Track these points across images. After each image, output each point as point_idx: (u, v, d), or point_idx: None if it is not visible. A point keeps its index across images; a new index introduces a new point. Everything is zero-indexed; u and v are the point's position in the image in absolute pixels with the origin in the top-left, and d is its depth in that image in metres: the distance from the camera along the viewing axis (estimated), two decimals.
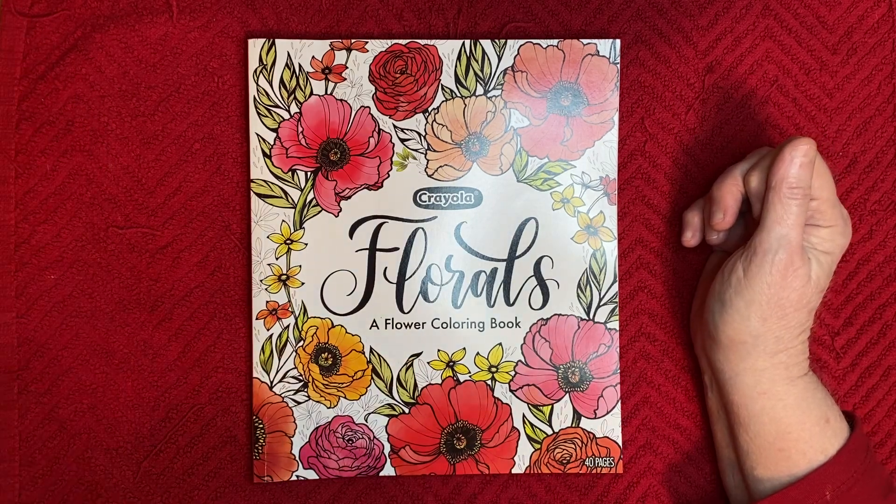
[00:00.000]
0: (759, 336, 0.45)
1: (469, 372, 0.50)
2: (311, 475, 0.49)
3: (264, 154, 0.49)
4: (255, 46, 0.49)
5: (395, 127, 0.49)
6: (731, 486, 0.49)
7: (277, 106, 0.49)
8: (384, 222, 0.49)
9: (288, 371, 0.49)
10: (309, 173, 0.49)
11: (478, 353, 0.50)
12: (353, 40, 0.49)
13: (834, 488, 0.44)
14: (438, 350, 0.49)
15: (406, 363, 0.49)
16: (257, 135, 0.49)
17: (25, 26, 0.49)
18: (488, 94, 0.49)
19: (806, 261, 0.45)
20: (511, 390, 0.50)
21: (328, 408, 0.49)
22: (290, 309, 0.49)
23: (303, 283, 0.49)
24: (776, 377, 0.46)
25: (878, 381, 0.52)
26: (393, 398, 0.49)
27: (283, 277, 0.49)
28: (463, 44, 0.49)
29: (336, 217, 0.49)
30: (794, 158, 0.44)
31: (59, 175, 0.49)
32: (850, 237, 0.47)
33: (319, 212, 0.49)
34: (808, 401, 0.46)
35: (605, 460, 0.50)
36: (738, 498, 0.49)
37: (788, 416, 0.46)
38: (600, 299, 0.50)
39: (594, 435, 0.50)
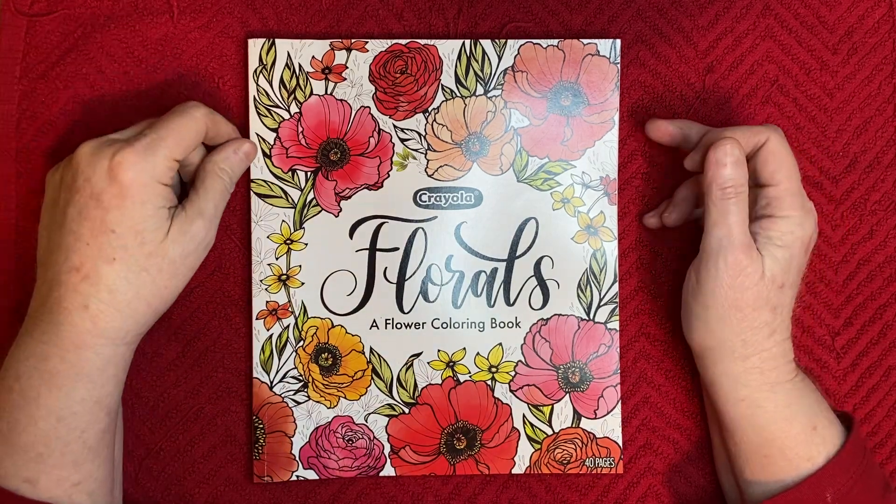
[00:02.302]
0: (724, 340, 0.45)
1: (469, 372, 0.50)
2: (310, 475, 0.49)
3: (264, 154, 0.49)
4: (255, 46, 0.49)
5: (395, 127, 0.49)
6: (726, 488, 0.49)
7: (277, 106, 0.49)
8: (384, 222, 0.49)
9: (288, 371, 0.49)
10: (309, 173, 0.49)
11: (478, 354, 0.50)
12: (353, 40, 0.49)
13: (834, 491, 0.44)
14: (438, 350, 0.49)
15: (406, 363, 0.49)
16: (257, 135, 0.49)
17: (25, 26, 0.49)
18: (488, 94, 0.49)
19: (755, 258, 0.44)
20: (511, 390, 0.50)
21: (328, 408, 0.49)
22: (290, 309, 0.49)
23: (303, 283, 0.49)
24: (752, 383, 0.45)
25: (878, 381, 0.52)
26: (393, 398, 0.49)
27: (283, 277, 0.49)
28: (463, 44, 0.49)
29: (336, 217, 0.49)
30: (719, 160, 0.44)
31: None
32: (813, 230, 0.45)
33: (319, 212, 0.49)
34: (793, 408, 0.45)
35: (606, 460, 0.50)
36: (734, 499, 0.48)
37: (770, 424, 0.45)
38: (600, 299, 0.50)
39: (594, 435, 0.50)
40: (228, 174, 0.46)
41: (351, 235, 0.49)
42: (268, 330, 0.49)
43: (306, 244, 0.49)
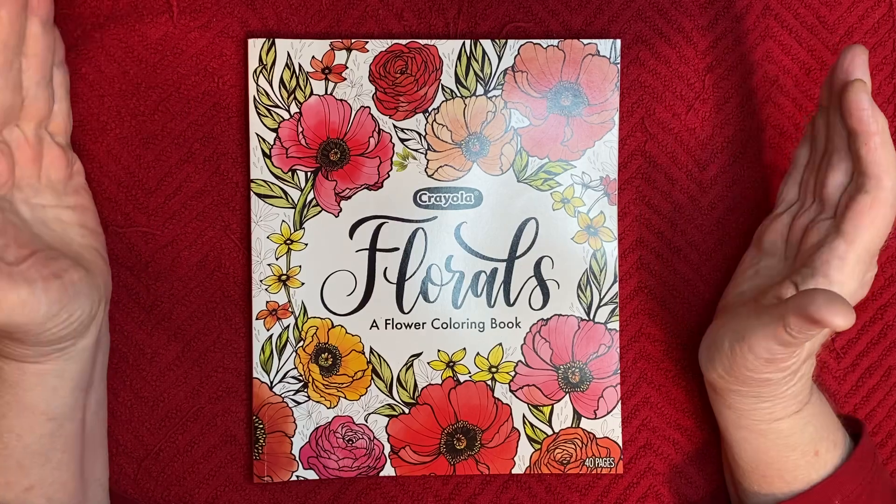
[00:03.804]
0: (740, 388, 0.43)
1: (469, 372, 0.50)
2: (311, 475, 0.49)
3: (264, 154, 0.49)
4: (255, 46, 0.49)
5: (395, 127, 0.49)
6: (733, 497, 0.49)
7: (277, 106, 0.49)
8: (384, 222, 0.49)
9: (288, 371, 0.49)
10: (309, 173, 0.49)
11: (478, 354, 0.50)
12: (353, 40, 0.49)
13: (842, 497, 0.43)
14: (438, 350, 0.49)
15: (406, 363, 0.49)
16: (257, 135, 0.49)
17: None
18: (488, 94, 0.49)
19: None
20: (511, 390, 0.50)
21: (328, 408, 0.49)
22: (290, 309, 0.49)
23: (303, 284, 0.49)
24: (758, 417, 0.44)
25: (878, 381, 0.52)
26: (393, 398, 0.49)
27: (283, 277, 0.49)
28: (463, 44, 0.49)
29: (336, 217, 0.49)
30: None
31: None
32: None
33: (319, 212, 0.49)
34: (795, 437, 0.44)
35: (606, 461, 0.50)
36: (738, 501, 0.48)
37: (770, 451, 0.44)
38: (600, 299, 0.50)
39: (594, 435, 0.50)
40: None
41: (351, 235, 0.49)
42: (268, 330, 0.49)
43: (306, 244, 0.49)
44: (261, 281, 0.49)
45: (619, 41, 0.50)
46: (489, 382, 0.50)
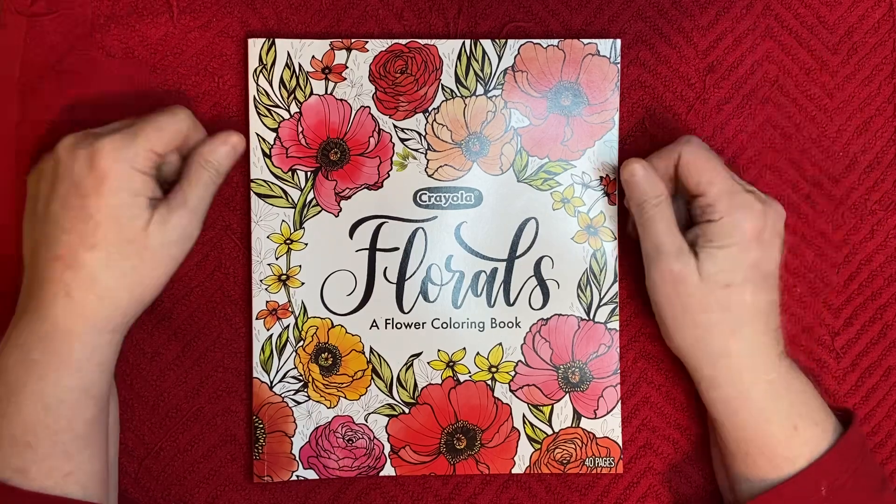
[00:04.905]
0: (686, 346, 0.46)
1: (469, 372, 0.50)
2: (311, 475, 0.49)
3: (264, 154, 0.49)
4: (255, 46, 0.49)
5: (395, 127, 0.49)
6: (722, 486, 0.49)
7: (277, 106, 0.49)
8: (384, 222, 0.49)
9: (288, 371, 0.49)
10: (309, 173, 0.49)
11: (478, 353, 0.50)
12: (353, 40, 0.49)
13: (829, 483, 0.44)
14: (438, 350, 0.49)
15: (406, 363, 0.49)
16: (257, 134, 0.49)
17: (25, 26, 0.49)
18: (488, 94, 0.49)
19: (688, 261, 0.45)
20: (511, 390, 0.50)
21: (328, 408, 0.49)
22: (290, 309, 0.49)
23: (303, 283, 0.49)
24: (724, 384, 0.46)
25: (878, 381, 0.52)
26: (393, 398, 0.49)
27: (283, 277, 0.49)
28: (463, 43, 0.49)
29: (336, 217, 0.49)
30: (627, 181, 0.46)
31: None
32: (756, 223, 0.44)
33: (319, 212, 0.49)
34: (770, 408, 0.45)
35: (606, 460, 0.50)
36: (730, 499, 0.48)
37: (747, 424, 0.45)
38: (600, 299, 0.50)
39: (594, 435, 0.50)
40: (214, 166, 0.45)
41: (351, 235, 0.49)
42: (268, 330, 0.49)
43: (306, 244, 0.49)
44: (261, 281, 0.49)
45: (619, 41, 0.50)
46: (489, 382, 0.50)
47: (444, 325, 0.49)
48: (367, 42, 0.49)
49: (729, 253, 0.44)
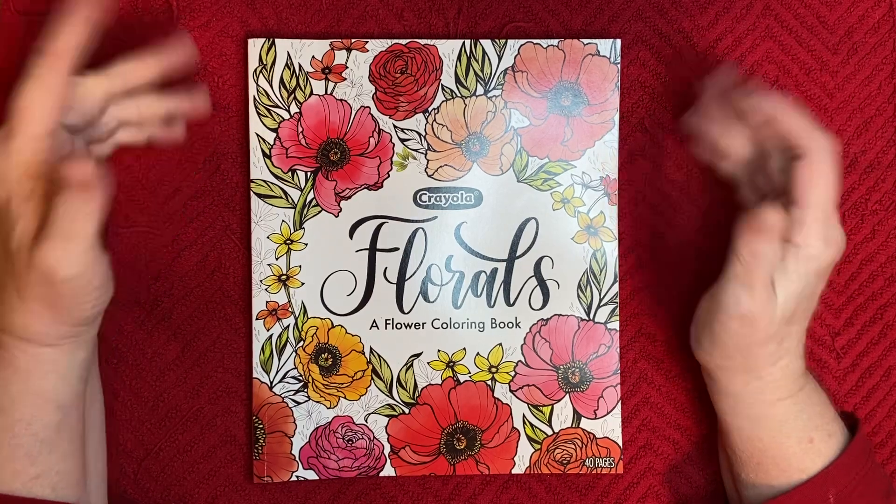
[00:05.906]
0: (726, 367, 0.44)
1: (469, 372, 0.49)
2: (310, 475, 0.49)
3: (264, 154, 0.49)
4: (255, 46, 0.49)
5: (395, 127, 0.49)
6: (728, 488, 0.49)
7: (277, 106, 0.49)
8: (384, 222, 0.49)
9: (288, 371, 0.49)
10: (309, 173, 0.49)
11: (478, 354, 0.50)
12: (353, 40, 0.49)
13: (837, 492, 0.44)
14: (438, 350, 0.49)
15: (406, 363, 0.49)
16: (257, 135, 0.49)
17: (25, 26, 0.49)
18: (488, 94, 0.49)
19: (770, 308, 0.42)
20: (511, 391, 0.50)
21: (328, 408, 0.49)
22: (290, 309, 0.49)
23: (303, 284, 0.49)
24: (750, 400, 0.45)
25: (878, 381, 0.52)
26: (393, 398, 0.49)
27: (283, 277, 0.49)
28: (463, 44, 0.49)
29: (336, 217, 0.49)
30: (759, 229, 0.41)
31: None
32: (832, 259, 0.43)
33: (319, 212, 0.49)
34: (790, 423, 0.45)
35: (606, 461, 0.50)
36: (735, 501, 0.48)
37: (765, 438, 0.45)
38: (600, 299, 0.50)
39: (594, 435, 0.50)
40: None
41: (351, 235, 0.49)
42: (268, 330, 0.49)
43: (306, 244, 0.49)
44: (261, 281, 0.49)
45: (619, 41, 0.50)
46: (489, 382, 0.50)
47: (444, 326, 0.49)
48: (367, 42, 0.49)
49: (801, 287, 0.42)
